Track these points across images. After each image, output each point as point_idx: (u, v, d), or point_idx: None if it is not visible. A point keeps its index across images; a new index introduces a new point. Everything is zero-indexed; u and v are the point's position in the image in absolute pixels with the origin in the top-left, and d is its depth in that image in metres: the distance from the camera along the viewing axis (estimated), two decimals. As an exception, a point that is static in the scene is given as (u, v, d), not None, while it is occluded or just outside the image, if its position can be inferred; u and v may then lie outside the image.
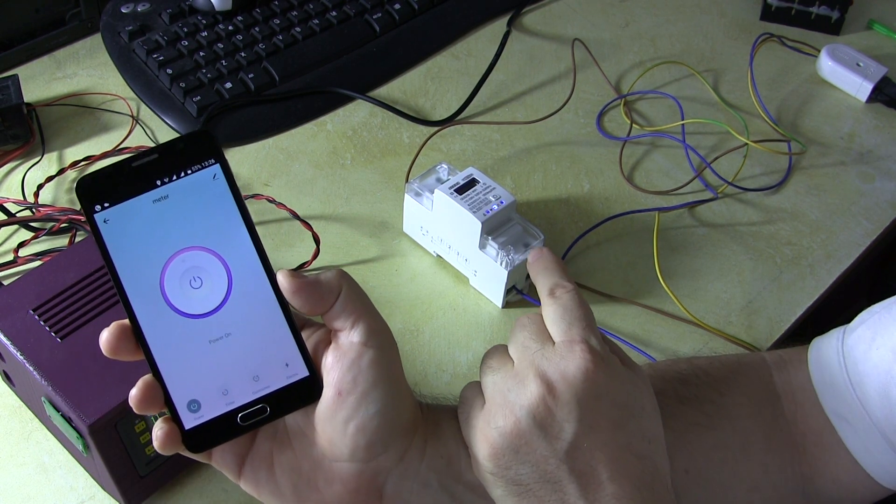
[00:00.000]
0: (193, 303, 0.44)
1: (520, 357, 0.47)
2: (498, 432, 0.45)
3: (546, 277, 0.51)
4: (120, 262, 0.44)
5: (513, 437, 0.45)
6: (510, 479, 0.46)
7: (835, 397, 0.57)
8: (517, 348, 0.48)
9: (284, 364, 0.45)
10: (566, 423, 0.45)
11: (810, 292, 0.78)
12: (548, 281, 0.50)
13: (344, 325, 0.45)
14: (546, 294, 0.50)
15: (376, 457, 0.46)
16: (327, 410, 0.45)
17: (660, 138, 0.90)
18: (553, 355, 0.46)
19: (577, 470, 0.45)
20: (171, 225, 0.44)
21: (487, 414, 0.46)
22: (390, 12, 0.98)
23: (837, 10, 1.01)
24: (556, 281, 0.50)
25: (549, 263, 0.52)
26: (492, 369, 0.48)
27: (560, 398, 0.45)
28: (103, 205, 0.44)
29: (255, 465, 0.46)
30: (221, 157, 0.45)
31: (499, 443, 0.45)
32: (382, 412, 0.45)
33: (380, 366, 0.45)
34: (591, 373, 0.46)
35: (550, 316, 0.48)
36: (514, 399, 0.46)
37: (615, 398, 0.47)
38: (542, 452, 0.45)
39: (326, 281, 0.45)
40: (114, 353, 0.43)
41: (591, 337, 0.47)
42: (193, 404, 0.44)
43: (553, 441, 0.45)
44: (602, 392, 0.46)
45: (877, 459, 0.56)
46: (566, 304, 0.49)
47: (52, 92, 0.90)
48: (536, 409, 0.45)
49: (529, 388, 0.45)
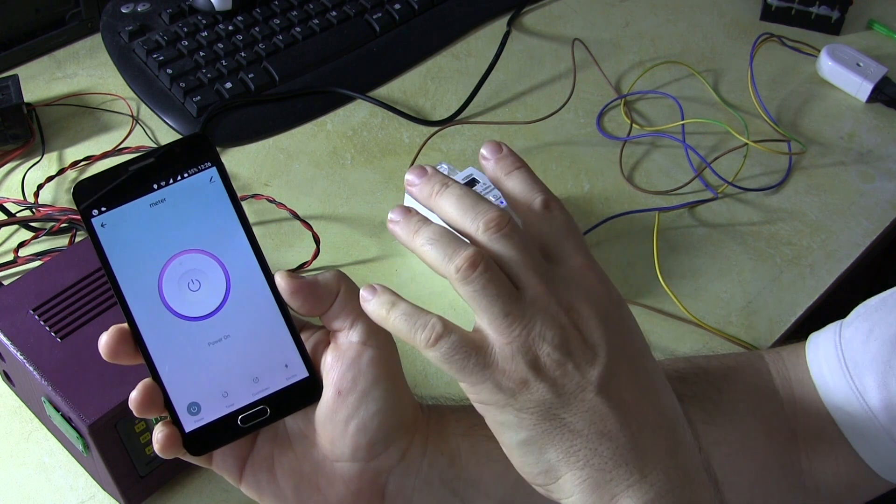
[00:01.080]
0: (192, 305, 0.44)
1: (532, 283, 0.42)
2: (528, 366, 0.41)
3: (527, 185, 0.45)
4: (118, 266, 0.44)
5: (546, 370, 0.41)
6: (541, 412, 0.41)
7: (834, 390, 0.58)
8: (522, 271, 0.42)
9: (284, 365, 0.45)
10: (599, 347, 0.42)
11: (810, 292, 0.78)
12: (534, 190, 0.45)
13: (343, 325, 0.45)
14: (540, 206, 0.44)
15: (377, 456, 0.46)
16: (328, 410, 0.45)
17: (660, 138, 0.90)
18: (570, 279, 0.43)
19: (614, 396, 0.42)
20: (169, 228, 0.44)
21: (508, 350, 0.42)
22: (390, 12, 0.98)
23: (837, 10, 1.01)
24: (547, 192, 0.45)
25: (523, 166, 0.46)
26: (498, 297, 0.42)
27: (590, 322, 0.42)
28: (100, 209, 0.44)
29: (256, 468, 0.46)
30: (218, 160, 0.45)
31: (531, 378, 0.41)
32: (383, 410, 0.45)
33: (379, 364, 0.45)
34: (612, 294, 0.44)
35: (549, 234, 0.44)
36: (540, 331, 0.41)
37: (632, 324, 0.45)
38: (577, 382, 0.41)
39: (324, 281, 0.45)
40: (113, 357, 0.43)
41: (596, 262, 0.45)
42: (193, 407, 0.44)
43: (588, 369, 0.41)
44: (622, 316, 0.44)
45: (877, 452, 0.57)
46: (566, 223, 0.45)
47: (52, 92, 0.90)
48: (568, 339, 0.42)
49: (558, 318, 0.42)
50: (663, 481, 0.41)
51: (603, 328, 0.42)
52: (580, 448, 0.41)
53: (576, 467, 0.41)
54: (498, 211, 0.43)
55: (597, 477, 0.41)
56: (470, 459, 0.49)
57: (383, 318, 0.43)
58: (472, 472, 0.48)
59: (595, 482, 0.41)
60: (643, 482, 0.41)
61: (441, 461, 0.48)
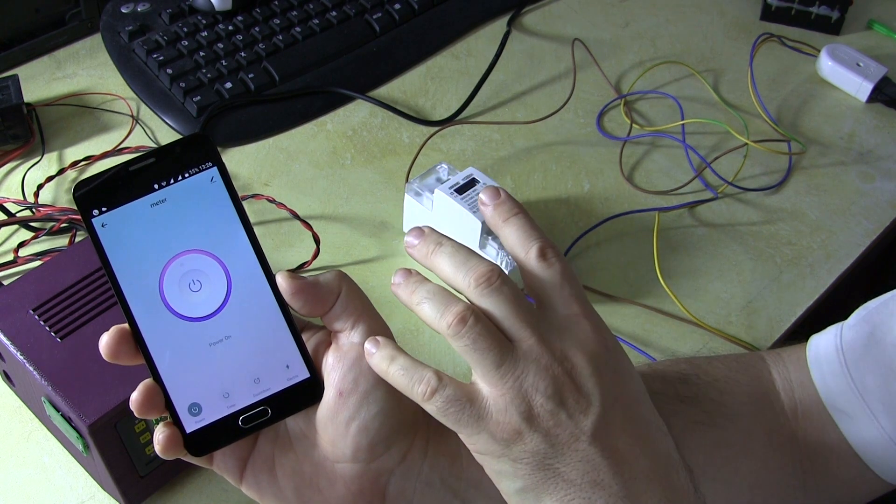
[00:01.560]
0: (193, 306, 0.44)
1: (523, 335, 0.43)
2: (521, 416, 0.42)
3: (524, 232, 0.46)
4: (118, 267, 0.43)
5: (539, 421, 0.42)
6: (535, 462, 0.42)
7: (835, 393, 0.58)
8: (513, 325, 0.43)
9: (285, 366, 0.45)
10: (593, 397, 0.42)
11: (810, 292, 0.78)
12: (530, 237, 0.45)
13: (344, 325, 0.45)
14: (535, 255, 0.45)
15: (378, 457, 0.46)
16: (329, 411, 0.45)
17: (660, 138, 0.90)
18: (564, 329, 0.44)
19: (607, 446, 0.42)
20: (170, 228, 0.44)
21: (502, 401, 0.42)
22: (390, 12, 0.98)
23: (837, 10, 1.01)
24: (544, 240, 0.46)
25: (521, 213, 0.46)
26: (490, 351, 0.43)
27: (583, 372, 0.43)
28: (101, 209, 0.44)
29: (257, 468, 0.46)
30: (219, 160, 0.45)
31: (524, 428, 0.42)
32: (384, 412, 0.45)
33: None
34: (607, 342, 0.44)
35: (545, 283, 0.45)
36: (533, 382, 0.42)
37: (628, 370, 0.45)
38: (570, 431, 0.42)
39: (326, 282, 0.45)
40: (114, 357, 0.43)
41: (594, 310, 0.45)
42: (194, 407, 0.44)
43: (581, 419, 0.42)
44: (618, 364, 0.44)
45: (878, 454, 0.57)
46: (563, 271, 0.45)
47: (52, 92, 0.90)
48: (561, 389, 0.42)
49: (551, 369, 0.42)
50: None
51: (597, 377, 0.43)
52: (574, 497, 0.42)
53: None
54: (487, 266, 0.44)
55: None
56: (471, 461, 0.48)
57: (384, 371, 0.44)
58: (473, 473, 0.48)
59: None
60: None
61: (442, 462, 0.48)
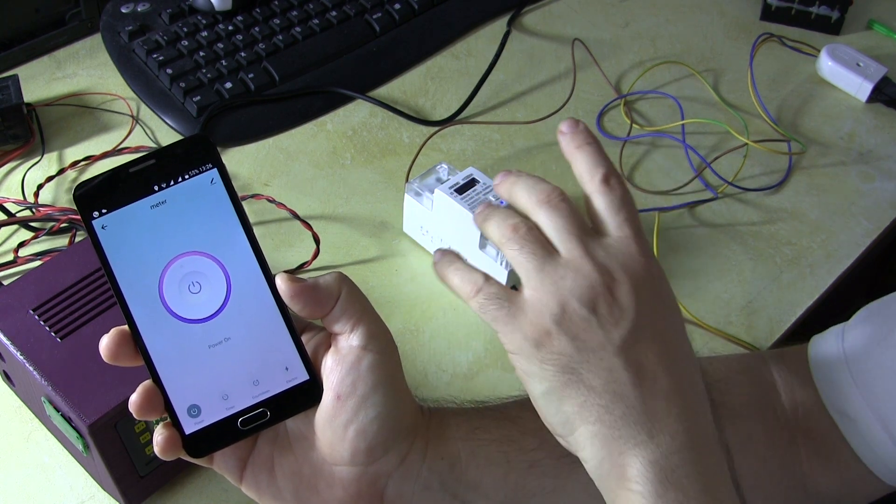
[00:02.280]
0: (192, 308, 0.44)
1: (570, 246, 0.45)
2: (552, 319, 0.44)
3: (593, 159, 0.48)
4: (118, 268, 0.43)
5: (570, 325, 0.44)
6: (561, 364, 0.44)
7: (837, 394, 0.57)
8: (562, 236, 0.46)
9: (284, 368, 0.45)
10: (627, 311, 0.44)
11: (810, 292, 0.78)
12: (598, 164, 0.48)
13: (343, 328, 0.45)
14: (599, 180, 0.47)
15: (376, 460, 0.46)
16: (327, 414, 0.45)
17: (660, 138, 0.90)
18: (611, 247, 0.46)
19: (632, 360, 0.44)
20: (169, 230, 0.44)
21: (539, 303, 0.45)
22: (390, 12, 0.98)
23: (837, 10, 1.01)
24: (609, 167, 0.48)
25: (594, 143, 0.49)
26: (534, 255, 0.46)
27: (622, 287, 0.44)
28: (101, 211, 0.44)
29: (257, 468, 0.46)
30: (219, 162, 0.45)
31: (554, 330, 0.44)
32: (382, 415, 0.45)
33: (379, 369, 0.45)
34: (653, 268, 0.46)
35: (603, 206, 0.47)
36: (570, 287, 0.44)
37: (668, 299, 0.47)
38: (599, 340, 0.44)
39: (325, 284, 0.45)
40: (114, 359, 0.43)
41: (646, 238, 0.47)
42: (194, 409, 0.44)
43: (611, 329, 0.44)
44: (659, 289, 0.46)
45: (878, 455, 0.57)
46: (622, 197, 0.47)
47: (52, 92, 0.90)
48: (596, 299, 0.44)
49: (591, 278, 0.44)
50: (668, 443, 0.43)
51: (634, 294, 0.44)
52: (594, 404, 0.44)
53: (588, 422, 0.44)
54: (549, 186, 0.48)
55: (606, 433, 0.43)
56: (470, 463, 0.49)
57: (443, 273, 0.48)
58: (472, 476, 0.48)
59: (605, 438, 0.43)
60: (650, 442, 0.43)
61: (441, 465, 0.48)
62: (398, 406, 0.46)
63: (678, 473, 0.43)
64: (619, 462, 0.43)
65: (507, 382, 0.69)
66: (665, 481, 0.43)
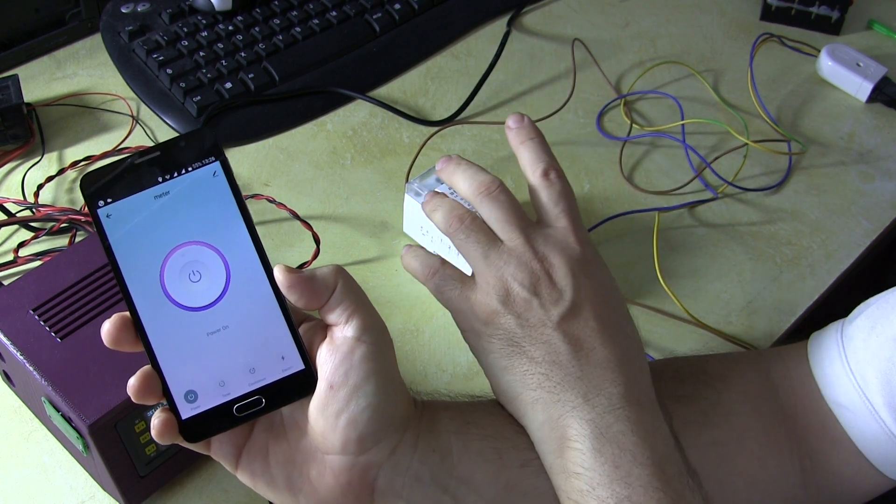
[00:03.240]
0: (192, 296, 0.45)
1: (511, 236, 0.51)
2: (498, 299, 0.50)
3: (535, 154, 0.54)
4: (122, 256, 0.44)
5: (514, 305, 0.50)
6: (506, 339, 0.50)
7: (835, 387, 0.58)
8: (503, 226, 0.52)
9: (280, 357, 0.45)
10: (565, 292, 0.50)
11: (810, 292, 0.78)
12: (539, 159, 0.53)
13: (338, 319, 0.45)
14: (540, 174, 0.53)
15: (367, 450, 0.46)
16: (319, 403, 0.45)
17: (660, 138, 0.90)
18: (550, 236, 0.51)
19: (570, 335, 0.49)
20: (172, 220, 0.45)
21: (486, 286, 0.51)
22: (390, 12, 0.98)
23: (837, 10, 1.01)
24: (550, 162, 0.53)
25: (537, 137, 0.54)
26: (479, 244, 0.51)
27: (558, 271, 0.50)
28: (107, 200, 0.45)
29: (252, 456, 0.46)
30: (222, 155, 0.46)
31: (500, 309, 0.50)
32: (373, 406, 0.45)
33: (372, 361, 0.45)
34: (588, 253, 0.51)
35: (544, 198, 0.53)
36: (513, 272, 0.50)
37: (605, 281, 0.52)
38: (539, 317, 0.49)
39: (322, 276, 0.45)
40: (115, 343, 0.44)
41: (583, 227, 0.53)
42: (191, 395, 0.45)
43: (551, 308, 0.49)
44: (595, 272, 0.51)
45: (880, 449, 0.57)
46: (561, 190, 0.53)
47: (52, 92, 0.90)
48: (537, 282, 0.50)
49: (531, 265, 0.50)
50: (605, 405, 0.48)
51: (571, 277, 0.50)
52: (534, 373, 0.49)
53: (529, 388, 0.49)
54: (488, 177, 0.53)
55: (546, 398, 0.49)
56: (462, 457, 0.49)
57: (406, 262, 0.55)
58: (463, 470, 0.48)
59: (545, 402, 0.49)
60: (586, 405, 0.48)
61: (432, 458, 0.48)
62: (390, 397, 0.46)
63: (613, 429, 0.47)
64: (559, 424, 0.48)
65: (507, 382, 0.69)
66: (601, 437, 0.47)
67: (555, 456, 0.48)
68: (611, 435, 0.47)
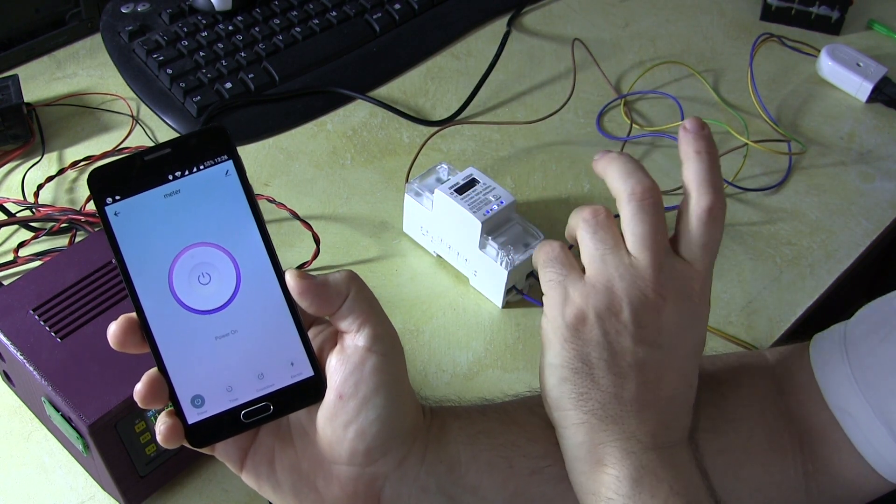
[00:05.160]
0: (201, 299, 0.44)
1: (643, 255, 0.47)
2: (594, 309, 0.46)
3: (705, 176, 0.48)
4: (129, 256, 0.43)
5: (608, 322, 0.46)
6: (580, 354, 0.47)
7: (838, 392, 0.57)
8: (637, 240, 0.47)
9: (289, 363, 0.45)
10: (664, 336, 0.47)
11: (810, 292, 0.78)
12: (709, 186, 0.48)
13: (350, 327, 0.45)
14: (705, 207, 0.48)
15: (374, 462, 0.46)
16: (328, 413, 0.45)
17: (660, 138, 0.90)
18: (678, 271, 0.47)
19: (645, 377, 0.47)
20: (182, 220, 0.44)
21: (591, 289, 0.47)
22: (390, 12, 0.98)
23: (837, 10, 1.01)
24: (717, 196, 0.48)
25: (712, 154, 0.48)
26: (603, 243, 0.47)
27: (669, 314, 0.47)
28: (114, 197, 0.43)
29: (257, 459, 0.46)
30: (234, 154, 0.44)
31: (592, 320, 0.46)
32: (382, 418, 0.44)
33: (383, 372, 0.44)
34: (702, 310, 0.49)
35: (693, 231, 0.48)
36: (625, 289, 0.46)
37: (700, 337, 0.50)
38: (625, 347, 0.46)
39: (335, 283, 0.44)
40: (121, 345, 0.43)
41: (711, 276, 0.49)
42: (197, 399, 0.44)
43: (641, 344, 0.46)
44: (697, 326, 0.49)
45: (881, 453, 0.56)
46: (716, 234, 0.48)
47: (52, 92, 0.90)
48: (644, 311, 0.46)
49: (646, 291, 0.46)
50: (646, 441, 0.47)
51: (676, 323, 0.47)
52: (594, 398, 0.47)
53: (582, 410, 0.47)
54: (647, 180, 0.48)
55: (595, 425, 0.47)
56: (470, 468, 0.48)
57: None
58: (471, 480, 0.48)
59: (592, 428, 0.47)
60: (631, 439, 0.47)
61: (440, 469, 0.48)
62: (399, 409, 0.45)
63: (654, 464, 0.47)
64: (599, 449, 0.47)
65: (507, 382, 0.69)
66: (641, 468, 0.46)
67: (586, 477, 0.48)
68: (651, 468, 0.47)
